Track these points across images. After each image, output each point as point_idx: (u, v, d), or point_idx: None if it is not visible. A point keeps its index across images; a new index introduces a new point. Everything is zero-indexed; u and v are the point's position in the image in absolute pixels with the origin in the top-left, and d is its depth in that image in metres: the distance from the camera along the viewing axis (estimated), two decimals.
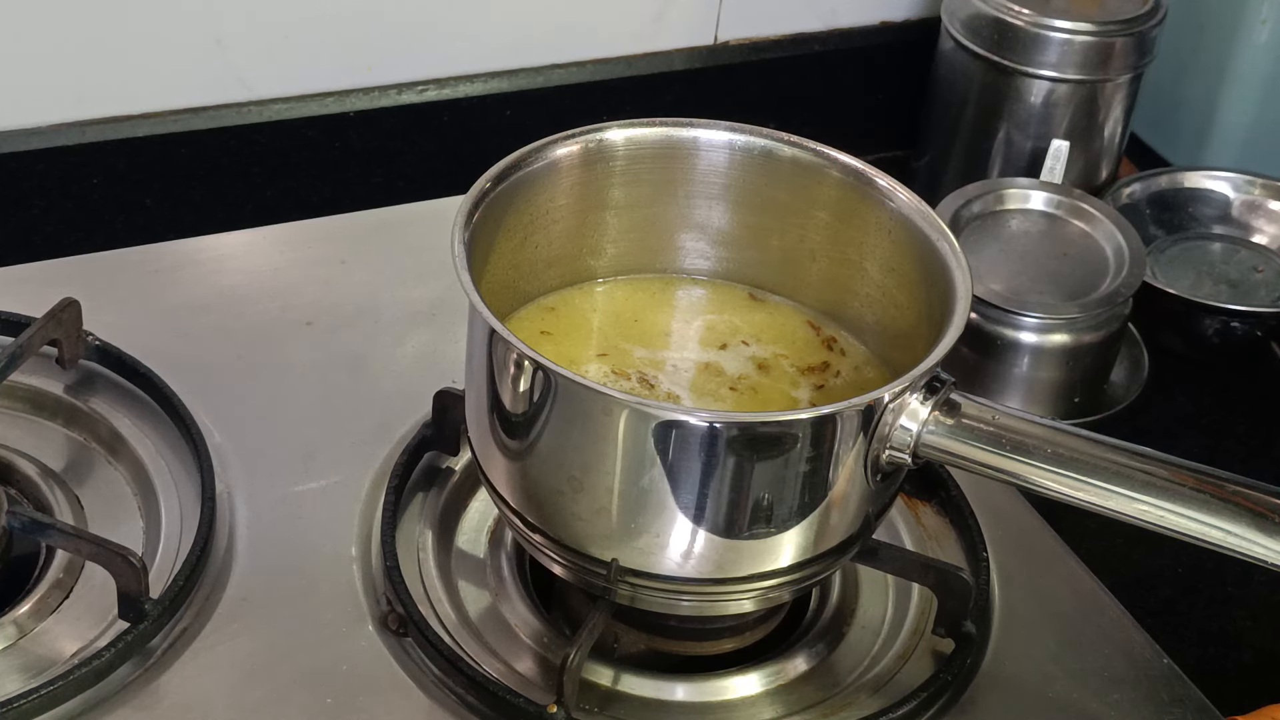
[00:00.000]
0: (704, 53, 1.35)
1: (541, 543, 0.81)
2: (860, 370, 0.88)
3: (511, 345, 0.76)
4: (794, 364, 0.88)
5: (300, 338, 1.05)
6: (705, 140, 0.89)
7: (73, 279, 1.05)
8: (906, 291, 0.86)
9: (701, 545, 0.78)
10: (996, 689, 0.87)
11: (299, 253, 1.12)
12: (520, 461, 0.80)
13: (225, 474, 0.93)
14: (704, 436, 0.74)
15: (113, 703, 0.81)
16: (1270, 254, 1.30)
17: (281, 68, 1.21)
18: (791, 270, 0.92)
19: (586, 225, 0.90)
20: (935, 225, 0.84)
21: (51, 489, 0.92)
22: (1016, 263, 1.16)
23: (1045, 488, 0.77)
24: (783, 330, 0.91)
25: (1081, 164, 1.29)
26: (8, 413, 0.97)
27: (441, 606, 0.88)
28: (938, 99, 1.34)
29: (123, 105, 1.18)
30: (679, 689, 0.85)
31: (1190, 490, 0.74)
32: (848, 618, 0.91)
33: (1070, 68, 1.25)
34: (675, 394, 0.85)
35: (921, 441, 0.77)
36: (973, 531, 0.94)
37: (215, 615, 0.86)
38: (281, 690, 0.83)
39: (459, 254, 0.77)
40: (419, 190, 1.23)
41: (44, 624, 0.85)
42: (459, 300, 0.78)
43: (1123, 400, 1.20)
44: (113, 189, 1.19)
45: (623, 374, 0.86)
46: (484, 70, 1.28)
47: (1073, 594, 0.94)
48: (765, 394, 0.86)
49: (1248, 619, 1.03)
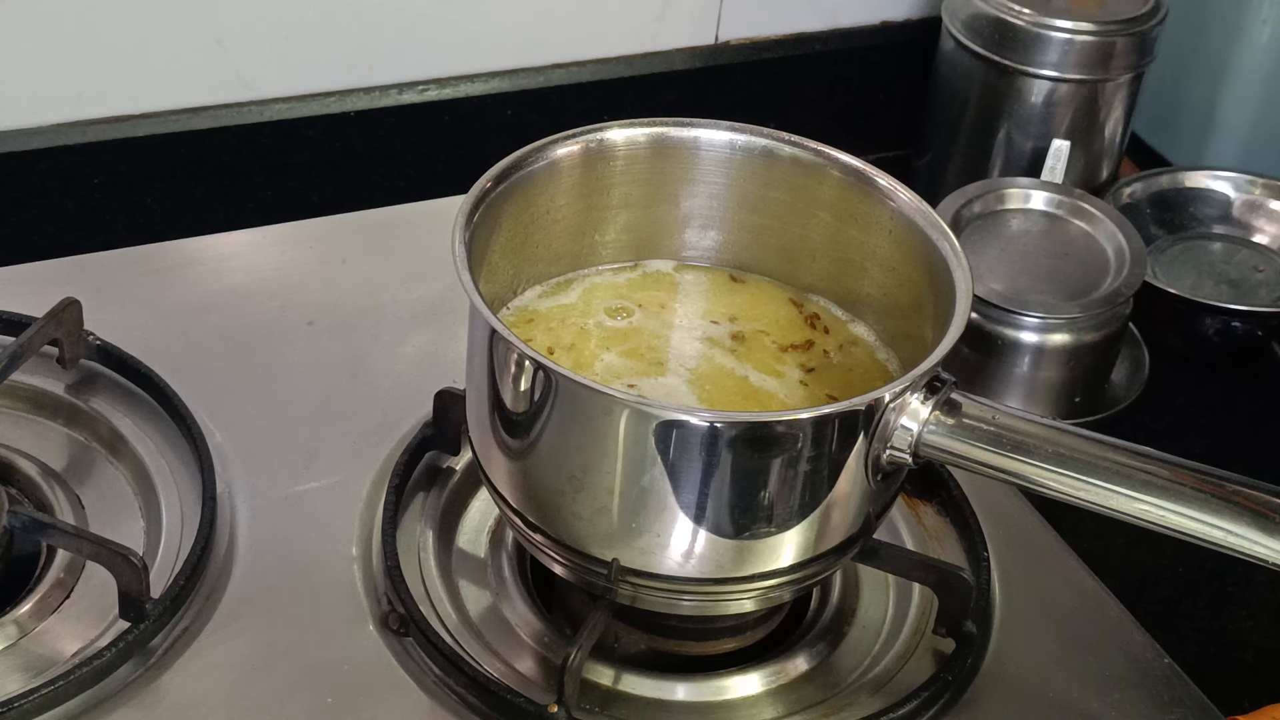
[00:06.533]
0: (704, 53, 1.35)
1: (542, 542, 0.81)
2: (846, 349, 0.89)
3: (512, 345, 0.76)
4: (776, 340, 0.88)
5: (301, 338, 1.05)
6: (705, 140, 0.89)
7: (73, 279, 1.05)
8: (907, 291, 0.86)
9: (702, 545, 0.78)
10: (997, 689, 0.87)
11: (299, 252, 1.12)
12: (521, 461, 0.80)
13: (226, 474, 0.93)
14: (705, 436, 0.74)
15: (113, 702, 0.81)
16: (1271, 254, 1.30)
17: (282, 67, 1.21)
18: (792, 270, 0.92)
19: (587, 225, 0.90)
20: (936, 225, 0.84)
21: (52, 489, 0.92)
22: (1017, 262, 1.16)
23: (1046, 487, 0.77)
24: (765, 308, 0.91)
25: (1082, 164, 1.29)
26: (9, 412, 0.97)
27: (442, 606, 0.88)
28: (938, 99, 1.34)
29: (123, 105, 1.18)
30: (679, 689, 0.85)
31: (1190, 490, 0.74)
32: (848, 617, 0.91)
33: (1071, 67, 1.25)
34: (677, 385, 0.85)
35: (922, 441, 0.77)
36: (973, 531, 0.94)
37: (216, 615, 0.86)
38: (282, 690, 0.83)
39: (459, 254, 0.77)
40: (419, 190, 1.23)
41: (45, 623, 0.85)
42: (459, 300, 0.78)
43: (1123, 400, 1.20)
44: (113, 189, 1.19)
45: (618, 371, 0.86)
46: (484, 70, 1.28)
47: (1073, 594, 0.94)
48: (752, 359, 0.86)
49: (1248, 619, 1.03)
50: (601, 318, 0.89)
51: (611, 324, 0.89)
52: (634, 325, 0.89)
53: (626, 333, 0.88)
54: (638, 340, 0.88)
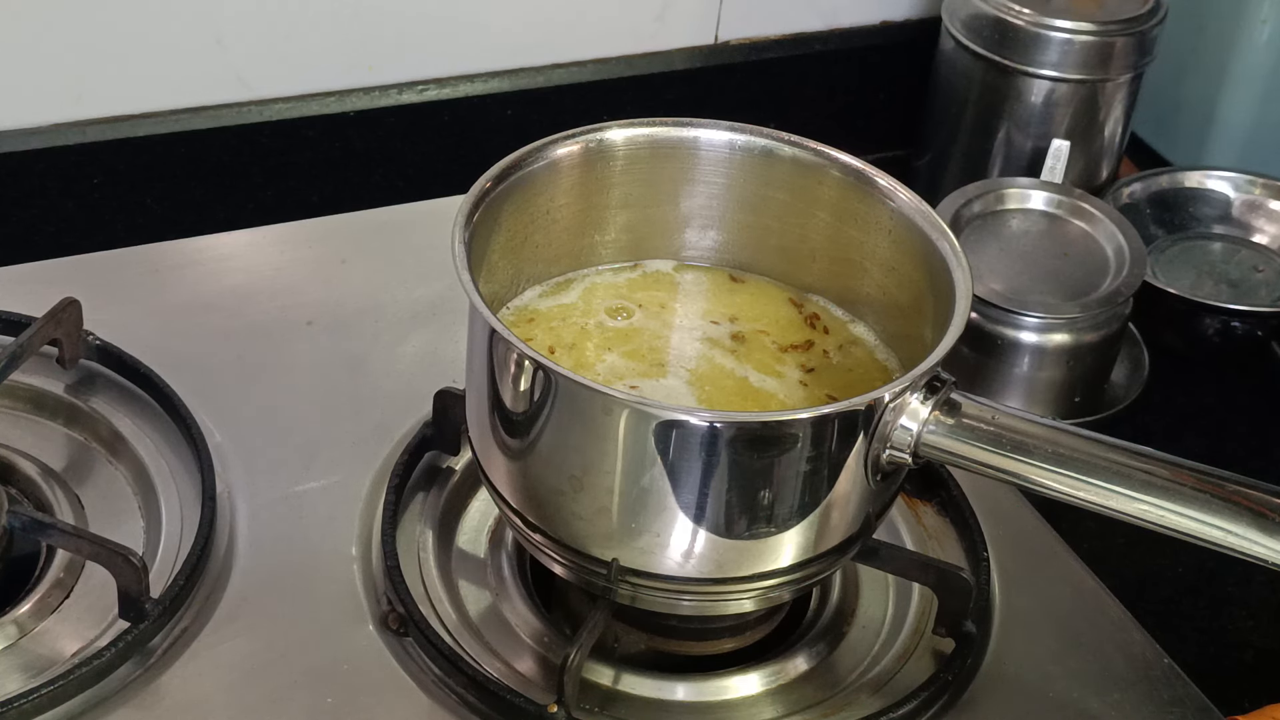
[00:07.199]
0: (704, 52, 1.35)
1: (542, 542, 0.81)
2: (846, 350, 0.89)
3: (512, 345, 0.76)
4: (775, 340, 0.88)
5: (300, 338, 1.05)
6: (705, 140, 0.89)
7: (73, 279, 1.05)
8: (907, 291, 0.86)
9: (702, 545, 0.78)
10: (997, 689, 0.87)
11: (299, 252, 1.12)
12: (521, 461, 0.80)
13: (226, 474, 0.93)
14: (704, 436, 0.74)
15: (113, 702, 0.81)
16: (1271, 254, 1.30)
17: (282, 67, 1.21)
18: (792, 270, 0.92)
19: (587, 225, 0.90)
20: (936, 225, 0.84)
21: (52, 488, 0.92)
22: (1017, 262, 1.16)
23: (1045, 487, 0.77)
24: (765, 308, 0.91)
25: (1082, 164, 1.29)
26: (8, 412, 0.97)
27: (442, 606, 0.88)
28: (938, 99, 1.34)
29: (123, 105, 1.18)
30: (679, 689, 0.85)
31: (1190, 490, 0.74)
32: (848, 617, 0.91)
33: (1071, 67, 1.25)
34: (677, 386, 0.85)
35: (922, 441, 0.77)
36: (973, 531, 0.94)
37: (215, 615, 0.86)
38: (281, 690, 0.83)
39: (459, 254, 0.77)
40: (419, 190, 1.23)
41: (44, 623, 0.85)
42: (459, 300, 0.78)
43: (1123, 400, 1.20)
44: (113, 189, 1.19)
45: (620, 373, 0.86)
46: (484, 70, 1.28)
47: (1073, 594, 0.94)
48: (752, 358, 0.86)
49: (1248, 619, 1.03)
50: (602, 318, 0.89)
51: (612, 324, 0.89)
52: (634, 325, 0.89)
53: (627, 333, 0.88)
54: (638, 341, 0.88)
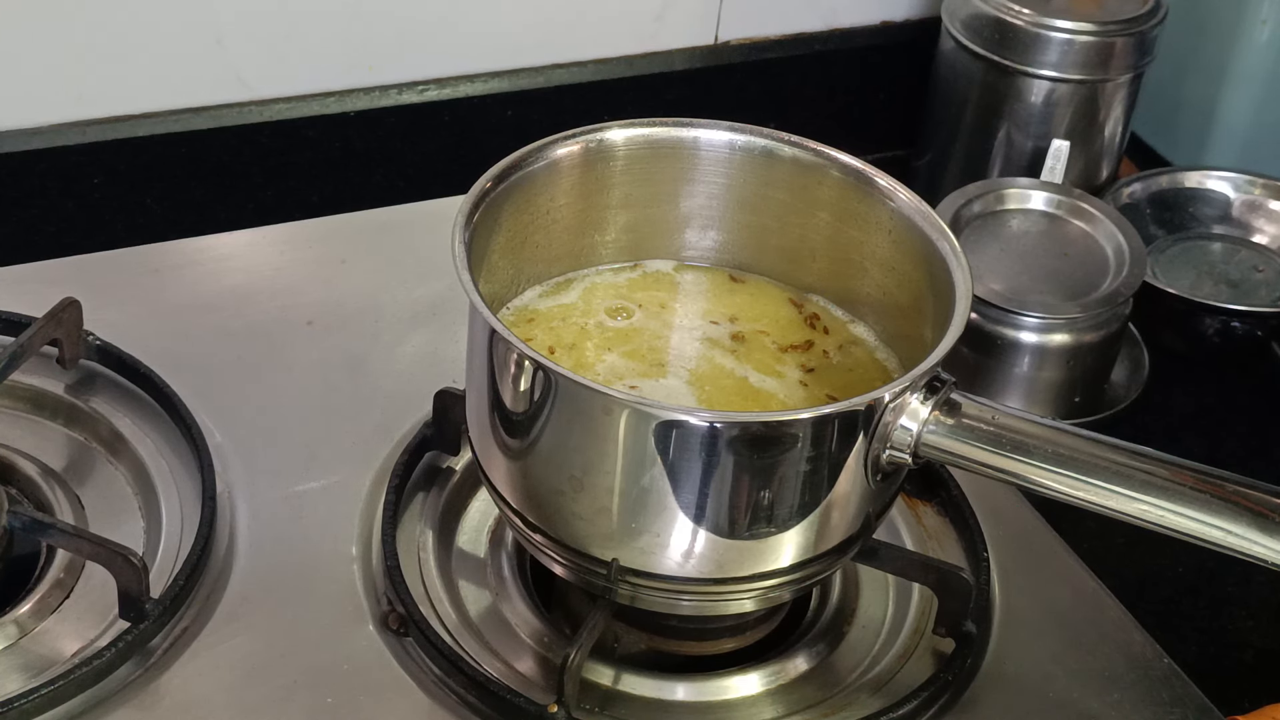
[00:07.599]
0: (704, 53, 1.35)
1: (542, 542, 0.81)
2: (846, 350, 0.89)
3: (512, 345, 0.76)
4: (775, 341, 0.88)
5: (300, 338, 1.05)
6: (705, 140, 0.89)
7: (73, 279, 1.05)
8: (907, 291, 0.86)
9: (702, 545, 0.78)
10: (997, 689, 0.87)
11: (299, 253, 1.12)
12: (521, 461, 0.80)
13: (226, 474, 0.93)
14: (704, 436, 0.74)
15: (113, 702, 0.81)
16: (1271, 254, 1.30)
17: (282, 67, 1.21)
18: (792, 270, 0.92)
19: (587, 225, 0.90)
20: (935, 225, 0.84)
21: (52, 488, 0.92)
22: (1017, 262, 1.16)
23: (1045, 487, 0.77)
24: (765, 308, 0.91)
25: (1082, 164, 1.29)
26: (8, 412, 0.97)
27: (442, 606, 0.88)
28: (938, 99, 1.34)
29: (123, 105, 1.18)
30: (679, 689, 0.85)
31: (1190, 490, 0.74)
32: (848, 617, 0.91)
33: (1071, 68, 1.25)
34: (677, 386, 0.85)
35: (922, 441, 0.77)
36: (973, 531, 0.94)
37: (216, 615, 0.86)
38: (281, 690, 0.83)
39: (459, 254, 0.77)
40: (419, 190, 1.23)
41: (45, 623, 0.85)
42: (459, 300, 0.78)
43: (1123, 400, 1.20)
44: (113, 189, 1.19)
45: (620, 372, 0.86)
46: (484, 70, 1.28)
47: (1073, 594, 0.94)
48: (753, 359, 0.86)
49: (1248, 619, 1.03)
50: (602, 318, 0.89)
51: (612, 324, 0.89)
52: (634, 325, 0.89)
53: (627, 333, 0.88)
54: (638, 341, 0.88)
